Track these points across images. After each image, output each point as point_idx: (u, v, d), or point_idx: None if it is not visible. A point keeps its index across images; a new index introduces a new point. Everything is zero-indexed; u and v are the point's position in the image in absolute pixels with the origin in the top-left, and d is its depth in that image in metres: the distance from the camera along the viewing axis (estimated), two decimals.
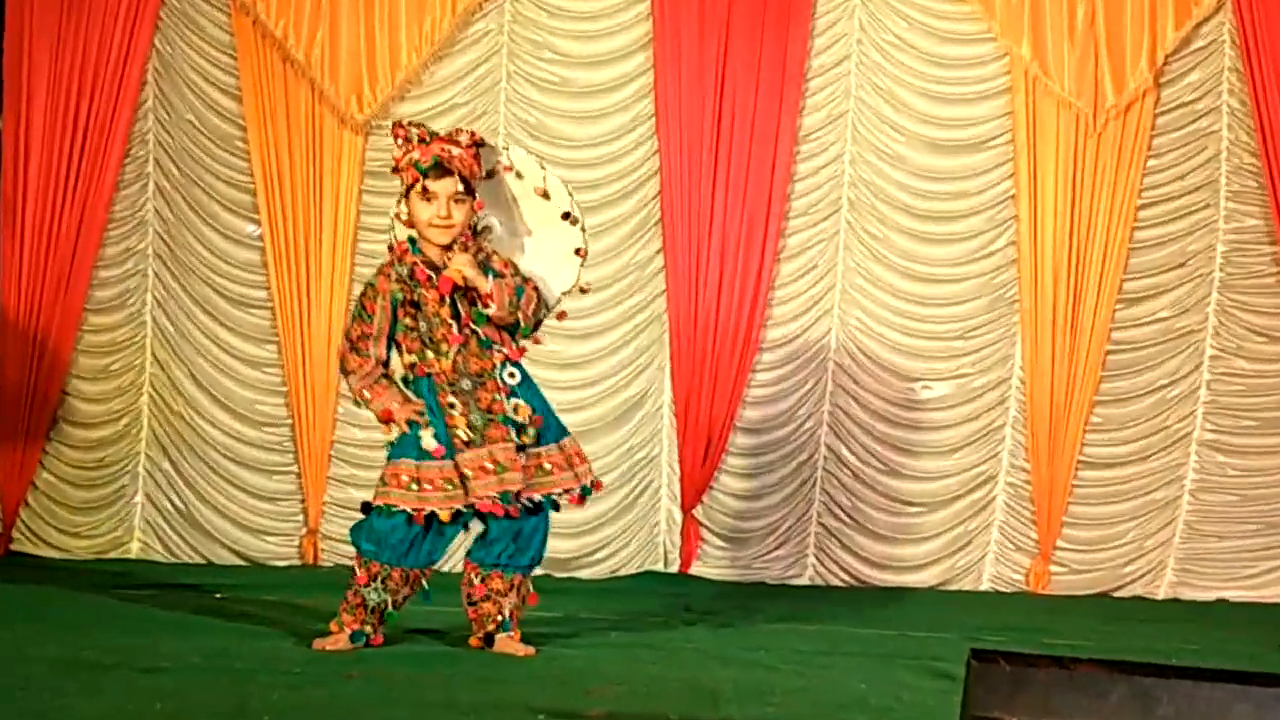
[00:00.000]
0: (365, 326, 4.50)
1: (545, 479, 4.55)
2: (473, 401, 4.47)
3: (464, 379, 4.47)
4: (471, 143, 4.50)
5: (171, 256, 7.01)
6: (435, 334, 4.47)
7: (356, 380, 4.53)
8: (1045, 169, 7.01)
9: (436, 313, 4.46)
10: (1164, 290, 7.13)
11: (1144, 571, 7.16)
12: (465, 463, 4.43)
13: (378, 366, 4.52)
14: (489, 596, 4.57)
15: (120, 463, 7.02)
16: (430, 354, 4.48)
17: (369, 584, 4.47)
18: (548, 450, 4.56)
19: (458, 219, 4.45)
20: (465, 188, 4.45)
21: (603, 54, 7.09)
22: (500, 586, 4.58)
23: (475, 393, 4.47)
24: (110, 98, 6.84)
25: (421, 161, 4.41)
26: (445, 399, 4.47)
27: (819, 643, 5.12)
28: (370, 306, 4.51)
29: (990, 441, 7.16)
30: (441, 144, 4.45)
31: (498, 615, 4.57)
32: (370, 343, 4.49)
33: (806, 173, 7.10)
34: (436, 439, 4.45)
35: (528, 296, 4.49)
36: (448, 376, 4.46)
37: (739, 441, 7.09)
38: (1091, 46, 6.94)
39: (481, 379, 4.48)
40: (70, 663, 4.00)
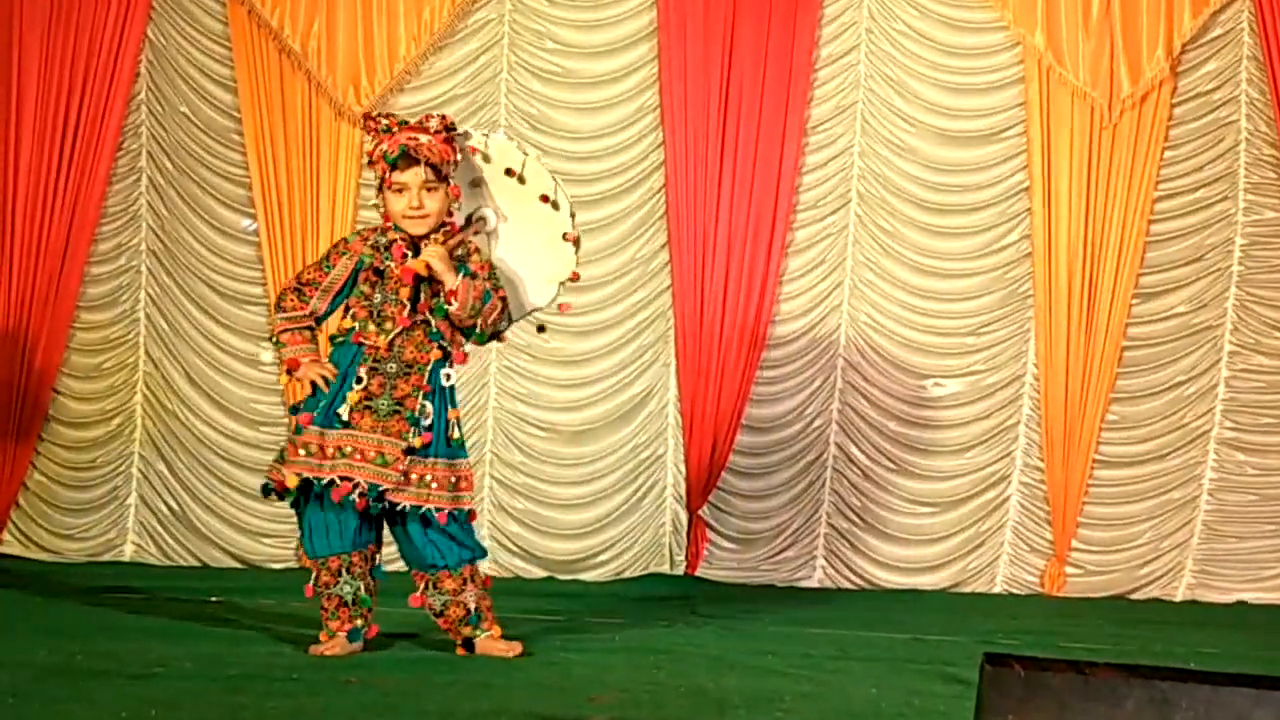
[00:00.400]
0: (319, 275, 4.47)
1: (421, 490, 4.37)
2: (389, 387, 4.36)
3: (392, 362, 4.38)
4: (441, 127, 4.43)
5: (165, 252, 6.94)
6: (386, 309, 4.40)
7: (283, 318, 4.48)
8: (1059, 161, 6.95)
9: (396, 290, 4.39)
10: (1181, 285, 7.08)
11: (1161, 573, 7.11)
12: (349, 441, 4.31)
13: (310, 317, 4.48)
14: (448, 602, 4.48)
15: (113, 463, 6.94)
16: (372, 326, 4.40)
17: (338, 581, 4.40)
18: (437, 463, 4.40)
19: (431, 208, 4.39)
20: (437, 175, 4.39)
21: (606, 44, 7.02)
22: (453, 586, 4.48)
23: (396, 380, 4.38)
24: (102, 90, 6.76)
25: (389, 153, 4.36)
26: (362, 370, 4.36)
27: (829, 647, 5.06)
28: (334, 259, 4.48)
29: (1004, 440, 7.10)
30: (408, 132, 4.39)
31: (465, 614, 4.49)
32: (316, 291, 4.46)
33: (814, 165, 7.04)
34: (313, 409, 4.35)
35: (492, 304, 4.42)
36: (378, 354, 4.37)
37: (746, 440, 7.03)
38: (1107, 35, 6.89)
39: (409, 370, 4.39)
40: (62, 669, 3.94)
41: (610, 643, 4.92)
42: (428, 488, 4.35)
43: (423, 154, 4.34)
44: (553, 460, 7.04)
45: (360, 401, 4.33)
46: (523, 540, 7.00)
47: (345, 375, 4.37)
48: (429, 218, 4.39)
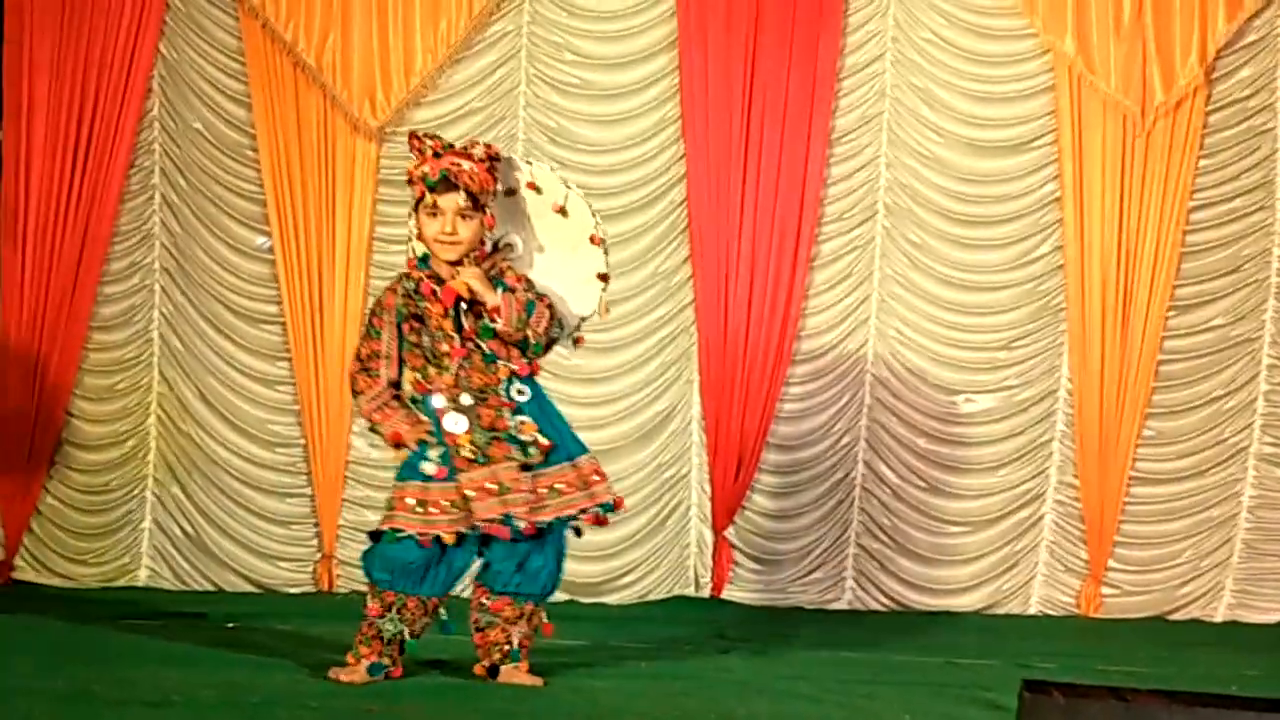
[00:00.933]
0: (374, 344, 4.45)
1: (556, 500, 4.38)
2: (474, 419, 4.33)
3: (465, 394, 4.34)
4: (486, 156, 4.40)
5: (179, 270, 6.87)
6: (438, 348, 4.38)
7: (366, 402, 4.46)
8: (1091, 170, 6.88)
9: (439, 326, 4.37)
10: (1218, 296, 7.02)
11: (1201, 593, 7.05)
12: (467, 483, 4.30)
13: (388, 388, 4.44)
14: (496, 623, 4.44)
15: (127, 486, 6.86)
16: (432, 369, 4.38)
17: (383, 614, 4.36)
18: (559, 469, 4.40)
19: (463, 235, 4.36)
20: (474, 203, 4.35)
21: (626, 55, 6.96)
22: (510, 614, 4.43)
23: (477, 409, 4.34)
24: (114, 106, 6.69)
25: (429, 176, 4.34)
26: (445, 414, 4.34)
27: (860, 671, 5.02)
28: (378, 323, 4.45)
29: (1037, 457, 7.03)
30: (452, 158, 4.36)
31: (505, 644, 4.44)
32: (381, 362, 4.43)
33: (840, 176, 6.98)
34: (440, 460, 4.33)
35: (539, 313, 4.38)
36: (449, 392, 4.34)
37: (772, 459, 6.96)
38: (1139, 41, 6.83)
39: (484, 395, 4.36)
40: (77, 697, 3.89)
41: (636, 669, 4.87)
42: (559, 495, 4.35)
43: (463, 180, 4.31)
44: None
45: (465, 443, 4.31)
46: None
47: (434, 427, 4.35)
48: (460, 244, 4.36)
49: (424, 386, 4.36)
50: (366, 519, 6.39)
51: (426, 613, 4.39)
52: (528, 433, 4.35)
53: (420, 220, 4.39)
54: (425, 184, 4.32)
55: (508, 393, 4.36)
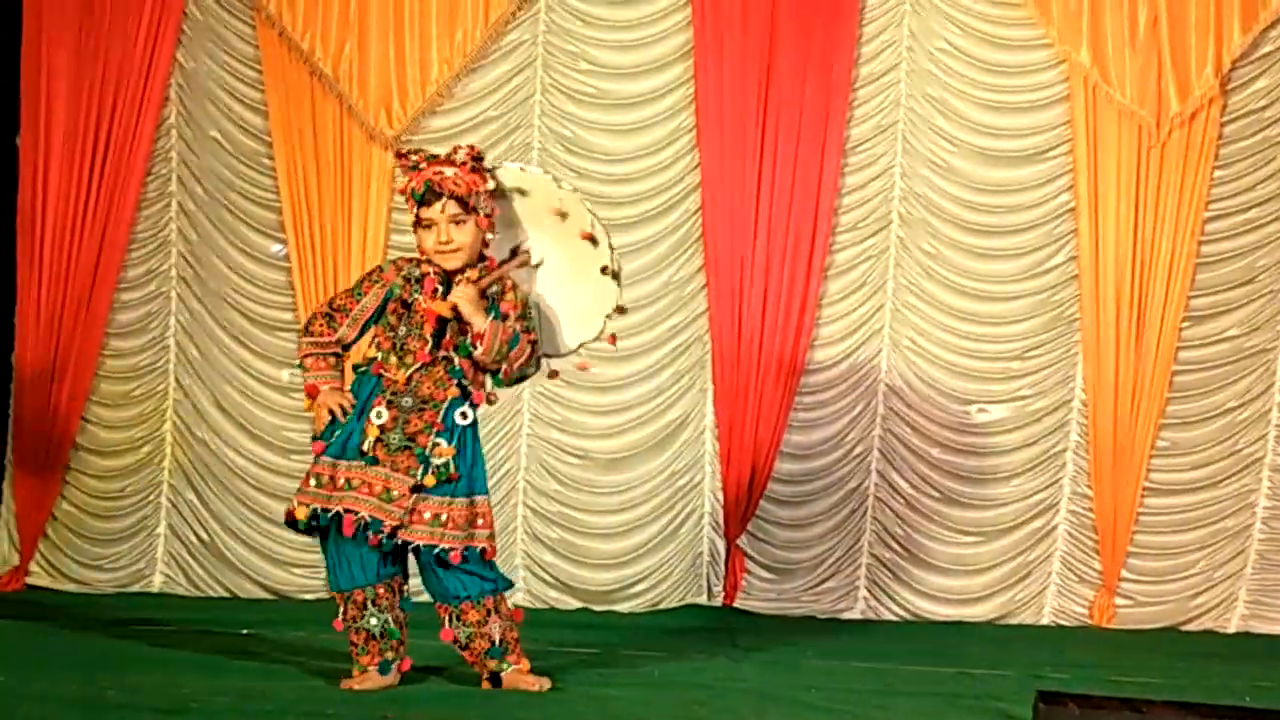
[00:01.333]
0: (350, 301, 4.48)
1: (435, 528, 4.31)
2: (402, 422, 4.33)
3: (408, 397, 4.35)
4: (468, 158, 4.42)
5: (195, 278, 6.88)
6: (409, 342, 4.38)
7: (309, 343, 4.48)
8: (1106, 180, 6.85)
9: (420, 324, 4.37)
10: (1233, 307, 6.98)
11: (1214, 604, 7.00)
12: (357, 474, 4.29)
13: (336, 344, 4.47)
14: (472, 634, 4.42)
15: (142, 492, 6.87)
16: (394, 359, 4.38)
17: (363, 614, 4.37)
18: (450, 501, 4.33)
19: (461, 240, 4.38)
20: (463, 207, 4.38)
21: (641, 64, 6.94)
22: (477, 617, 4.42)
23: (410, 415, 4.34)
24: (132, 114, 6.70)
25: (415, 189, 4.39)
26: (378, 404, 4.34)
27: (873, 681, 5.00)
28: (366, 287, 4.49)
29: (1051, 467, 7.00)
30: (434, 168, 4.40)
31: (489, 646, 4.42)
32: (346, 318, 4.46)
33: (854, 186, 6.95)
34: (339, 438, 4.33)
35: (520, 348, 4.40)
36: (395, 387, 4.34)
37: (785, 468, 6.93)
38: (1154, 52, 6.81)
39: (424, 406, 4.36)
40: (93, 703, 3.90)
41: (649, 677, 4.86)
42: (442, 526, 4.30)
43: (446, 188, 4.34)
44: (587, 488, 6.94)
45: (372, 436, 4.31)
46: (557, 570, 6.89)
47: (363, 407, 4.36)
48: (460, 251, 4.38)
49: (378, 368, 4.36)
50: None
51: (396, 594, 4.40)
52: (442, 456, 4.31)
53: (419, 236, 4.43)
54: (413, 198, 4.37)
55: (449, 414, 4.34)
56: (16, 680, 4.20)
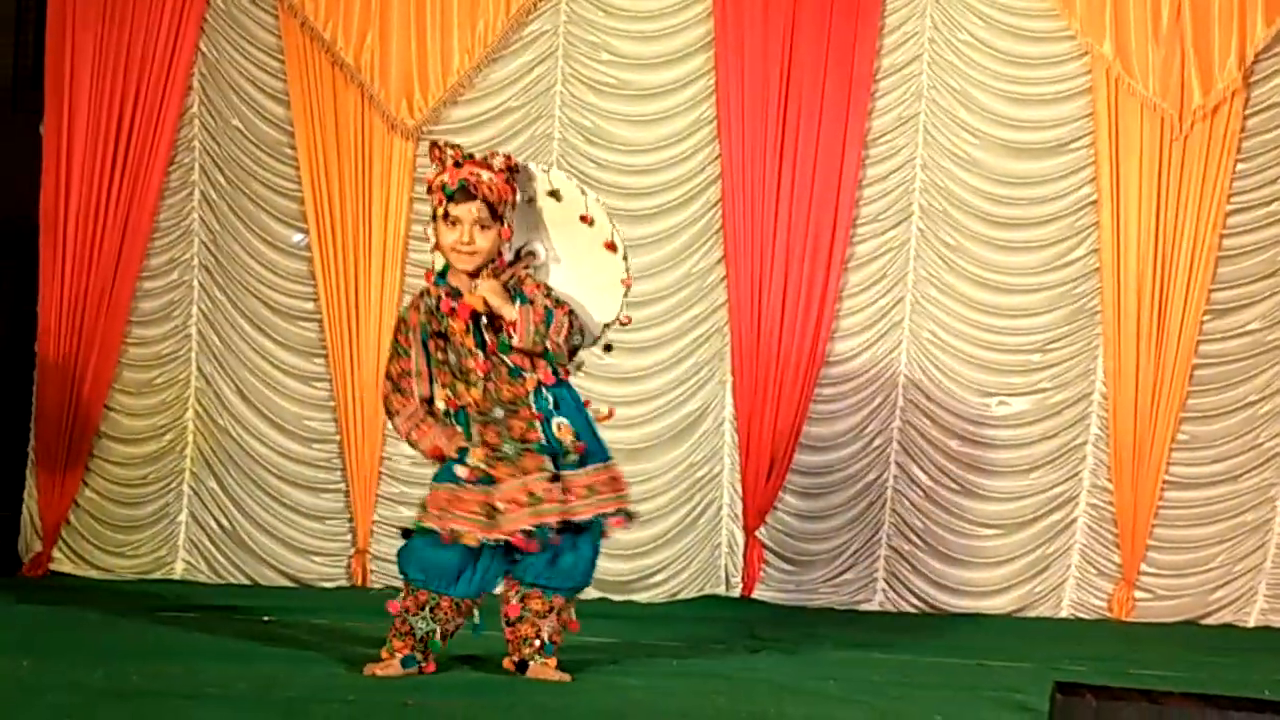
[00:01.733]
0: (404, 363, 4.44)
1: (593, 499, 4.40)
2: (505, 430, 4.35)
3: (496, 407, 4.36)
4: (505, 167, 4.39)
5: (218, 267, 6.91)
6: (464, 364, 4.38)
7: (402, 421, 4.46)
8: (1128, 173, 6.84)
9: (463, 342, 4.37)
10: (1254, 301, 6.98)
11: (1234, 598, 6.99)
12: (499, 495, 4.32)
13: (422, 405, 4.44)
14: (525, 617, 4.45)
15: (164, 480, 6.91)
16: (460, 385, 4.38)
17: (418, 612, 4.37)
18: (594, 471, 4.42)
19: (481, 245, 4.34)
20: (492, 214, 4.34)
21: (662, 55, 6.95)
22: (538, 608, 4.45)
23: (508, 421, 4.36)
24: (154, 104, 6.74)
25: (448, 185, 4.33)
26: (477, 430, 4.36)
27: (891, 673, 4.97)
28: (405, 341, 4.44)
29: (1070, 460, 6.99)
30: (471, 167, 4.35)
31: (535, 638, 4.44)
32: (413, 380, 4.43)
33: (875, 178, 6.95)
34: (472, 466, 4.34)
35: (557, 323, 4.35)
36: (479, 406, 4.36)
37: (804, 459, 6.94)
38: (1177, 45, 6.79)
39: (514, 407, 4.36)
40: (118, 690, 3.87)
41: (668, 667, 4.85)
42: (595, 494, 4.38)
43: (481, 191, 4.30)
44: None
45: (488, 458, 4.32)
46: None
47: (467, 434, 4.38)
48: (477, 255, 4.34)
49: (455, 403, 4.37)
50: (401, 515, 6.43)
51: (460, 614, 4.41)
52: (566, 434, 4.36)
53: (438, 230, 4.37)
54: (444, 192, 4.31)
55: (538, 403, 4.36)
56: (40, 666, 4.20)
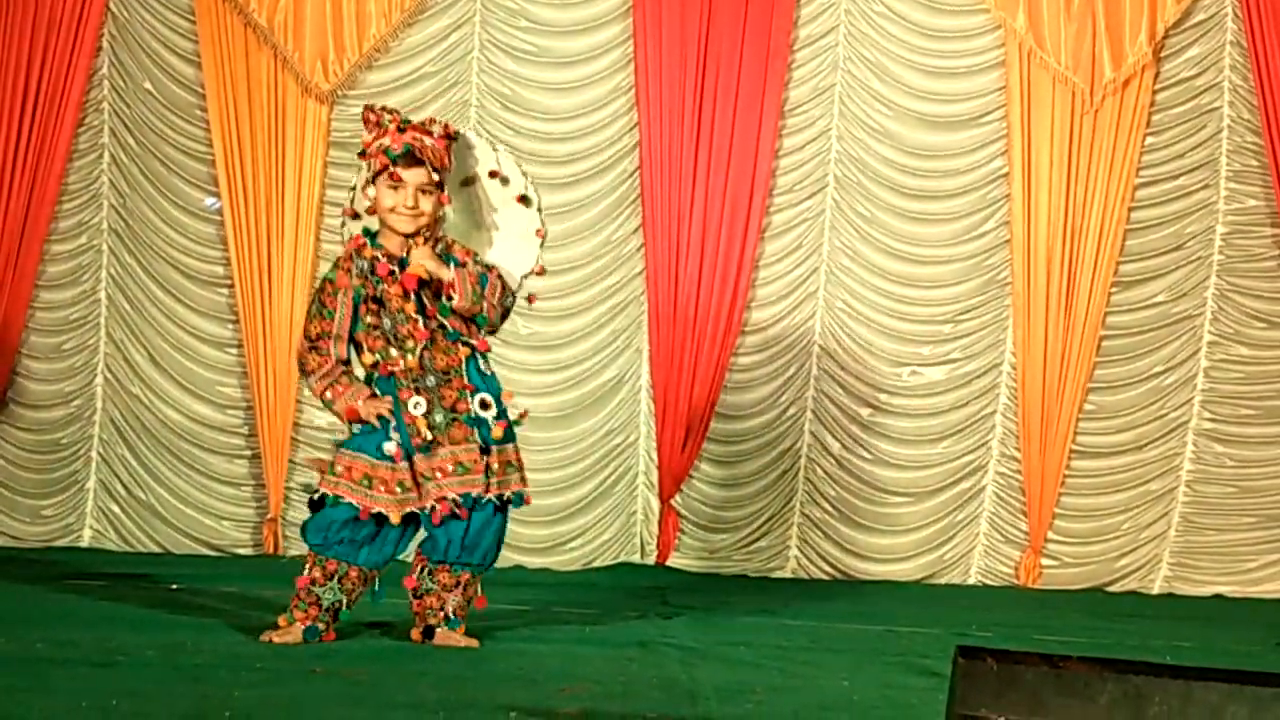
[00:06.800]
0: (325, 324, 4.40)
1: (515, 475, 4.46)
2: (437, 399, 4.35)
3: (429, 375, 4.36)
4: (444, 134, 4.40)
5: (127, 230, 6.81)
6: (400, 330, 4.36)
7: (317, 380, 4.42)
8: (1040, 146, 6.92)
9: (401, 308, 4.35)
10: (1161, 273, 7.07)
11: (1138, 565, 7.10)
12: (425, 465, 4.32)
13: (338, 365, 4.42)
14: (432, 589, 4.46)
15: (73, 446, 6.82)
16: (394, 351, 4.36)
17: (325, 583, 4.36)
18: (515, 448, 4.48)
19: (425, 209, 4.35)
20: (435, 180, 4.35)
21: (580, 22, 6.93)
22: (446, 581, 4.45)
23: (440, 390, 4.36)
24: (62, 64, 6.62)
25: (393, 148, 4.32)
26: (407, 395, 4.34)
27: (801, 638, 5.01)
28: (330, 303, 4.40)
29: (980, 429, 7.07)
30: (414, 132, 4.35)
31: (440, 610, 4.46)
32: (331, 341, 4.40)
33: (791, 148, 6.98)
34: (398, 443, 4.32)
35: (491, 284, 4.39)
36: (413, 373, 4.35)
37: (719, 428, 6.97)
38: (1089, 19, 6.86)
39: (447, 375, 4.38)
40: (21, 657, 3.84)
41: (581, 633, 4.87)
42: (517, 470, 4.44)
43: (426, 156, 4.31)
44: (524, 446, 6.77)
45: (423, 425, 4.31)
46: None
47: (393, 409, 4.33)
48: (421, 218, 4.34)
49: (385, 368, 4.34)
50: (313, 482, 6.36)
51: (365, 582, 4.41)
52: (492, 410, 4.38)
53: (379, 191, 4.34)
54: (388, 156, 4.30)
55: (469, 372, 4.38)
56: None
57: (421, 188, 4.31)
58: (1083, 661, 2.35)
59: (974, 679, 2.35)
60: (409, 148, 4.29)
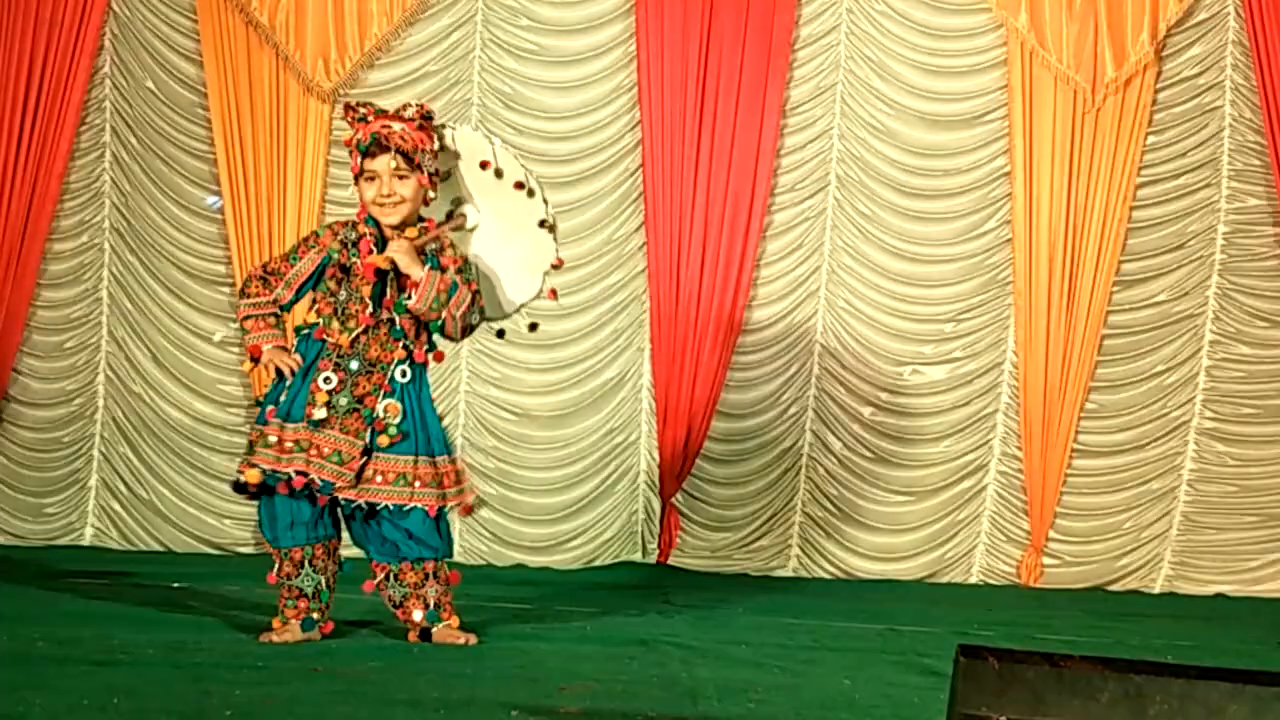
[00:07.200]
0: (286, 265, 4.44)
1: (403, 489, 4.37)
2: (349, 384, 4.35)
3: (354, 360, 4.36)
4: (417, 115, 4.41)
5: (129, 229, 6.81)
6: (350, 307, 4.37)
7: (246, 304, 4.45)
8: (1041, 145, 6.91)
9: (359, 287, 4.37)
10: (1163, 272, 7.06)
11: (1140, 564, 7.10)
12: (304, 435, 4.30)
13: (274, 304, 4.44)
14: (408, 594, 4.47)
15: (75, 444, 6.81)
16: (336, 324, 4.38)
17: (298, 573, 4.39)
18: (408, 460, 4.38)
19: (402, 193, 4.37)
20: (407, 162, 4.37)
21: (582, 20, 6.93)
22: (414, 579, 4.47)
23: (357, 377, 4.36)
24: (64, 63, 6.61)
25: (361, 140, 4.37)
26: (325, 368, 4.34)
27: (802, 637, 5.02)
28: (301, 251, 4.45)
29: (981, 428, 7.06)
30: (381, 121, 4.38)
31: (424, 608, 4.47)
32: (281, 281, 4.43)
33: (793, 147, 6.97)
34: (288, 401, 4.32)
35: (459, 296, 4.38)
36: (340, 350, 4.35)
37: (720, 427, 6.97)
38: (1091, 18, 6.86)
39: (371, 368, 4.38)
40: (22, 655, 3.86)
41: (582, 632, 4.88)
42: (410, 485, 4.35)
43: (393, 141, 4.33)
44: (525, 444, 6.96)
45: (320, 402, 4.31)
46: (493, 525, 6.91)
47: (307, 370, 4.34)
48: (403, 204, 4.36)
49: (320, 333, 4.36)
50: None
51: (330, 557, 4.42)
52: (392, 414, 4.35)
53: (360, 188, 4.40)
54: (358, 149, 4.35)
55: (392, 374, 4.37)
56: None
57: (394, 174, 4.34)
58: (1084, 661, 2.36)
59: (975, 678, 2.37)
60: (375, 136, 4.32)
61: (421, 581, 4.44)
